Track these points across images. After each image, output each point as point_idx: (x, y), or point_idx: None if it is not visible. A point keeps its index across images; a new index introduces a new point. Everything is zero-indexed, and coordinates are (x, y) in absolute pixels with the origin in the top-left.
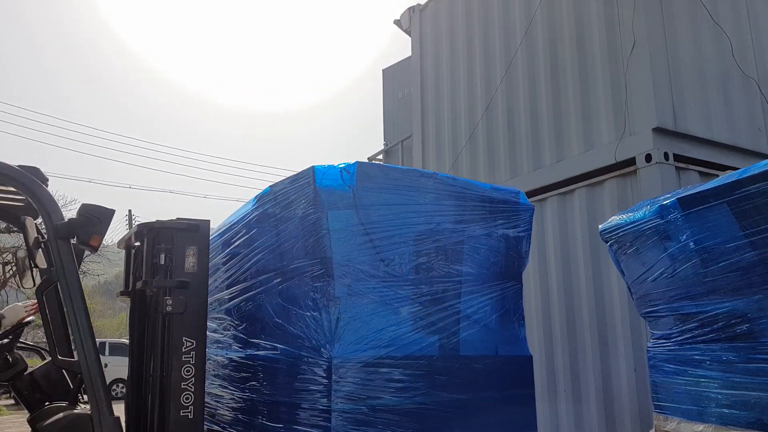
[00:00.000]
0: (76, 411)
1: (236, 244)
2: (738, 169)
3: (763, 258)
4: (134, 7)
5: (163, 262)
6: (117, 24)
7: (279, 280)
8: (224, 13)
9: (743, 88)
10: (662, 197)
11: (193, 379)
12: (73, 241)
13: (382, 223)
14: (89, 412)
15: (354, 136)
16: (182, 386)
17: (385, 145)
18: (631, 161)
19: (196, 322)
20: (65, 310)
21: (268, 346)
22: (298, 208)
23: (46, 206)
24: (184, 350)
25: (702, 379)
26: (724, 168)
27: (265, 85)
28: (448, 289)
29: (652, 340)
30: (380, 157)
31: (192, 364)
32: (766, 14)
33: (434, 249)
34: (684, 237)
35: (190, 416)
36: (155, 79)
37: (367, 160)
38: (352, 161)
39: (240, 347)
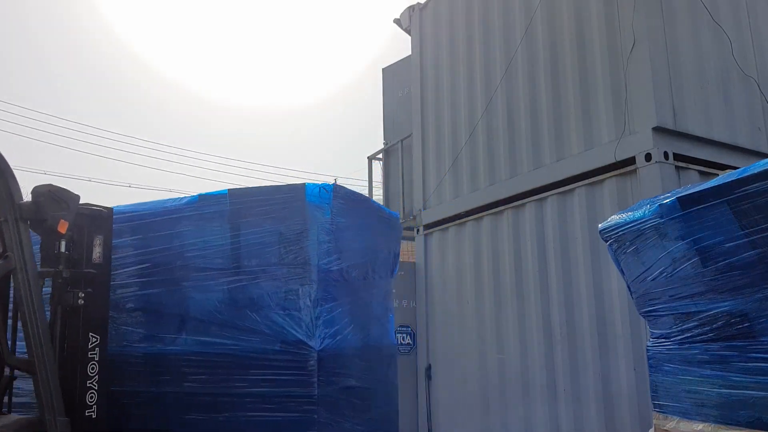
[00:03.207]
0: (26, 417)
1: (160, 238)
2: (738, 168)
3: (763, 257)
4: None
5: (67, 251)
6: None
7: (231, 279)
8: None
9: (743, 88)
10: (662, 196)
11: (97, 376)
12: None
13: (347, 238)
14: (37, 417)
15: (354, 135)
16: (87, 384)
17: (385, 144)
18: (631, 160)
19: (101, 315)
20: (21, 302)
21: (216, 342)
22: (283, 217)
23: (9, 182)
24: (90, 346)
25: (702, 378)
26: (723, 167)
27: (265, 84)
28: (381, 291)
29: (651, 340)
30: (380, 156)
31: (96, 360)
32: (766, 14)
33: (371, 261)
34: (684, 236)
35: (94, 416)
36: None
37: (367, 160)
38: (332, 182)
39: (164, 343)
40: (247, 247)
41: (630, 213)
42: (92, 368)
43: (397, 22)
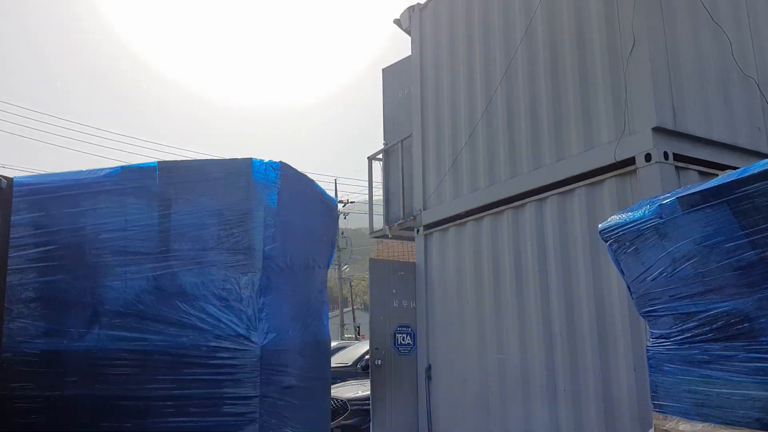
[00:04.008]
0: None
1: (70, 215)
2: (737, 168)
3: (763, 257)
4: (135, 6)
5: None
6: (117, 23)
7: (159, 265)
8: (224, 13)
9: (743, 88)
10: (662, 196)
11: None
12: None
13: (293, 223)
14: None
15: (354, 135)
16: None
17: (385, 144)
18: (631, 161)
19: None
20: None
21: (137, 337)
22: (224, 195)
23: None
24: None
25: (701, 378)
26: (723, 167)
27: (265, 84)
28: (311, 282)
29: (651, 340)
30: (380, 156)
31: None
32: (766, 14)
33: (313, 249)
34: (683, 236)
35: None
36: (155, 78)
37: (367, 160)
38: (277, 160)
39: (70, 339)
40: (180, 229)
41: (630, 213)
42: None
43: (397, 22)
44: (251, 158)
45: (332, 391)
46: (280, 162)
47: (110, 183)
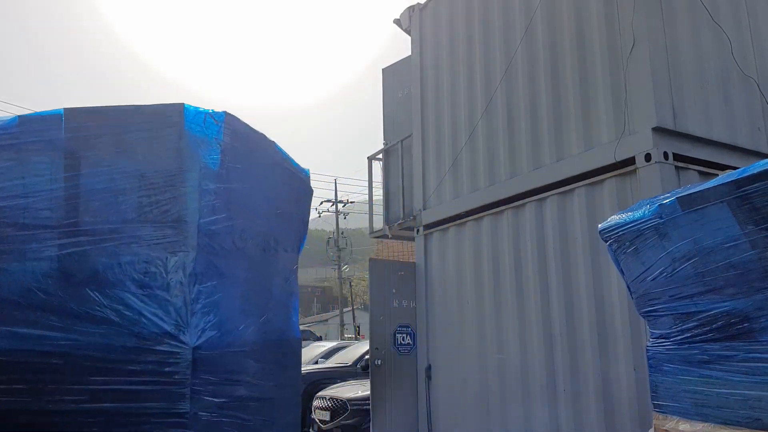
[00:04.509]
0: None
1: None
2: (737, 168)
3: (762, 257)
4: (135, 6)
5: None
6: (117, 23)
7: (65, 241)
8: (224, 13)
9: (743, 88)
10: (662, 196)
11: None
12: None
13: (243, 192)
14: None
15: (354, 135)
16: None
17: (385, 144)
18: (631, 161)
19: None
20: None
21: (35, 335)
22: (147, 152)
23: None
24: None
25: (701, 378)
26: (723, 167)
27: (265, 84)
28: (271, 268)
29: (651, 340)
30: (380, 156)
31: None
32: (766, 14)
33: (275, 228)
34: (683, 236)
35: None
36: (155, 78)
37: (367, 160)
38: (220, 110)
39: None
40: (91, 195)
41: (630, 213)
42: None
43: (397, 22)
44: (183, 104)
45: (332, 391)
46: (225, 113)
47: (5, 137)
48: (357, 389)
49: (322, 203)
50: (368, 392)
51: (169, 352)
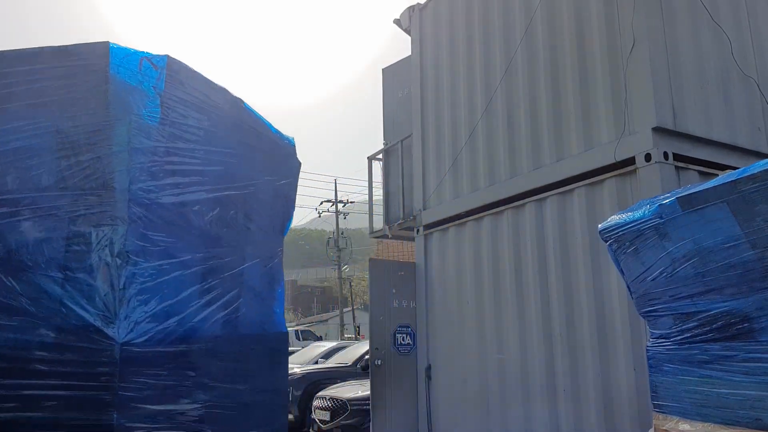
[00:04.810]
0: None
1: None
2: (737, 168)
3: (762, 257)
4: (135, 7)
5: None
6: (118, 23)
7: None
8: (224, 13)
9: (743, 88)
10: (662, 196)
11: None
12: None
13: (196, 155)
14: None
15: (354, 135)
16: None
17: (385, 144)
18: (631, 161)
19: None
20: None
21: None
22: (66, 101)
23: None
24: None
25: (701, 379)
26: (723, 167)
27: (265, 84)
28: (237, 251)
29: (651, 340)
30: (380, 156)
31: None
32: (766, 14)
33: (246, 203)
34: (683, 236)
35: None
36: None
37: (367, 160)
38: (161, 54)
39: None
40: None
41: (630, 213)
42: None
43: (397, 22)
44: (108, 42)
45: (332, 391)
46: (168, 56)
47: None
48: (357, 389)
49: (322, 203)
50: (368, 392)
51: (93, 350)
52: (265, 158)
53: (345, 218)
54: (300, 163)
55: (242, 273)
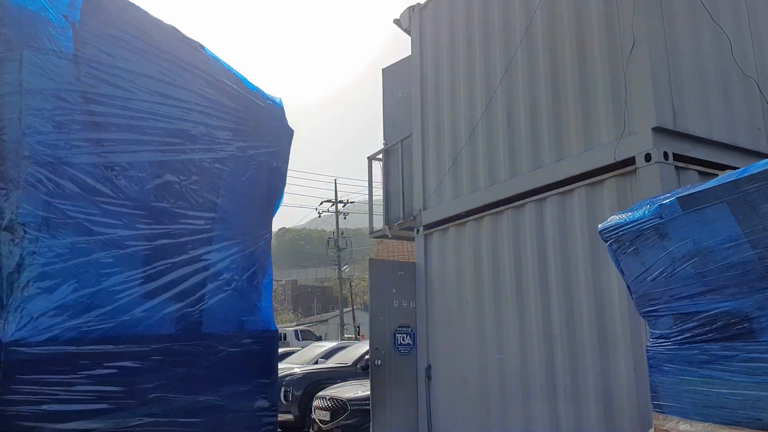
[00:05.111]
0: None
1: None
2: (737, 168)
3: (762, 257)
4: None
5: None
6: None
7: None
8: (224, 13)
9: (743, 88)
10: (662, 197)
11: None
12: None
13: (121, 100)
14: None
15: (354, 135)
16: None
17: (385, 144)
18: (631, 161)
19: None
20: None
21: None
22: None
23: None
24: None
25: (701, 379)
26: (723, 167)
27: (265, 84)
28: (199, 230)
29: (651, 340)
30: (380, 156)
31: None
32: (766, 14)
33: (191, 163)
34: (683, 236)
35: None
36: None
37: (367, 160)
38: None
39: None
40: None
41: (630, 213)
42: None
43: (397, 22)
44: None
45: (332, 391)
46: None
47: None
48: (357, 389)
49: (322, 203)
50: (368, 392)
51: None
52: (239, 119)
53: (345, 218)
54: (292, 131)
55: (208, 258)
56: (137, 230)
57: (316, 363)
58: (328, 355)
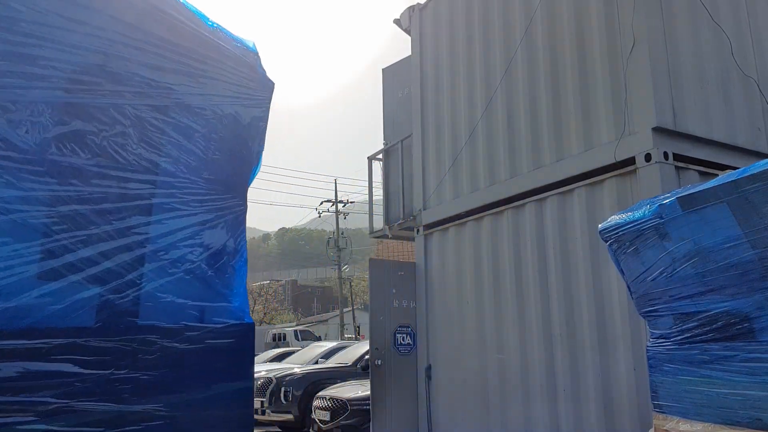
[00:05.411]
0: None
1: None
2: (737, 168)
3: (762, 257)
4: None
5: None
6: None
7: None
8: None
9: (743, 88)
10: (662, 196)
11: None
12: None
13: (23, 23)
14: None
15: (354, 135)
16: None
17: (385, 144)
18: (631, 161)
19: None
20: None
21: None
22: None
23: None
24: None
25: (701, 379)
26: (723, 167)
27: None
28: (129, 195)
29: (651, 340)
30: (380, 156)
31: None
32: (766, 14)
33: (111, 110)
34: (683, 236)
35: None
36: None
37: (367, 160)
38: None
39: None
40: None
41: (630, 213)
42: None
43: (397, 22)
44: None
45: (332, 391)
46: None
47: None
48: (357, 389)
49: (322, 203)
50: (368, 392)
51: None
52: (191, 61)
53: (345, 218)
54: (272, 83)
55: (145, 232)
56: (28, 191)
57: (316, 363)
58: (328, 355)
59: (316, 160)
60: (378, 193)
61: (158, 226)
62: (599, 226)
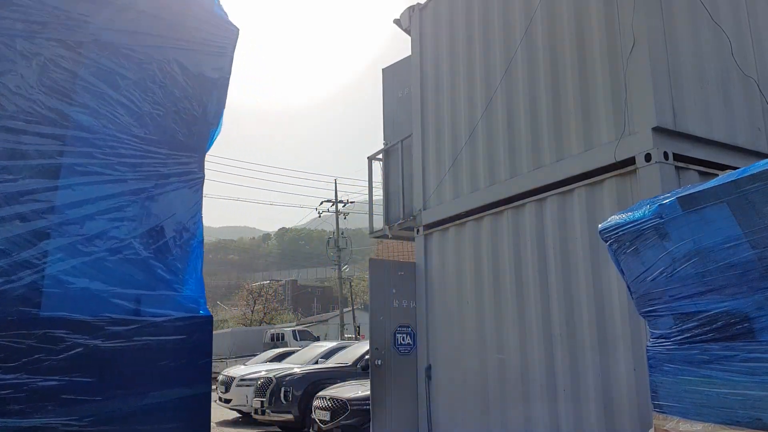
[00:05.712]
0: None
1: None
2: (737, 168)
3: (762, 257)
4: None
5: None
6: None
7: None
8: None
9: (743, 88)
10: (662, 196)
11: None
12: None
13: None
14: None
15: (354, 135)
16: None
17: (385, 144)
18: (631, 161)
19: None
20: None
21: None
22: None
23: None
24: None
25: (701, 379)
26: (723, 167)
27: (265, 84)
28: (22, 152)
29: (651, 340)
30: (380, 156)
31: None
32: (766, 14)
33: (13, 56)
34: (683, 236)
35: None
36: None
37: (367, 160)
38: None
39: None
40: None
41: (630, 213)
42: None
43: (397, 22)
44: None
45: (332, 391)
46: None
47: None
48: (357, 389)
49: (322, 203)
50: (368, 392)
51: None
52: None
53: (345, 218)
54: (236, 29)
55: (48, 200)
56: None
57: (316, 363)
58: (328, 355)
59: (316, 160)
60: (378, 193)
61: (68, 193)
62: (599, 226)
